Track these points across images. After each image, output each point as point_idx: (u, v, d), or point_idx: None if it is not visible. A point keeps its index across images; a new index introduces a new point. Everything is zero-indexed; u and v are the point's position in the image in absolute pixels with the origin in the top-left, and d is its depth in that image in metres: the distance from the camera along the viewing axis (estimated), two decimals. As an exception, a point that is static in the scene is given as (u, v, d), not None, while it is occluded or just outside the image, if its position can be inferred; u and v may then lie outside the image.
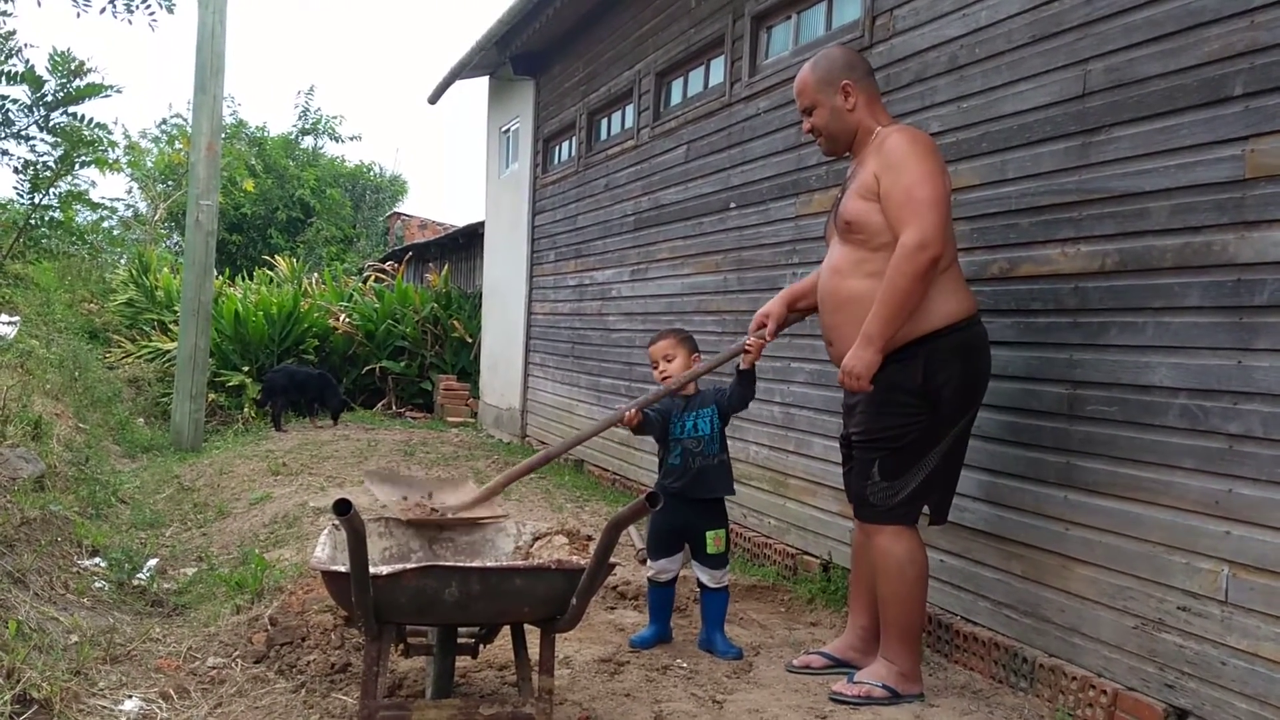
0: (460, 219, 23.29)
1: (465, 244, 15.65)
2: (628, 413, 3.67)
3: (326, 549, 2.88)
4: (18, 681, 2.94)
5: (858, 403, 3.44)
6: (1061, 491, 3.38)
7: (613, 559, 2.73)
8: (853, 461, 3.53)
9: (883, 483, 3.36)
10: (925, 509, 3.45)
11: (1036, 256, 3.54)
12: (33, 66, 5.06)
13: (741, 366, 3.79)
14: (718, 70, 6.32)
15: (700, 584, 3.89)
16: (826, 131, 3.50)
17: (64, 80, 5.11)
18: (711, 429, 3.84)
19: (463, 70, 10.74)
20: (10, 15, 5.08)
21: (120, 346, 13.93)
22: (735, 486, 3.94)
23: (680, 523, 3.83)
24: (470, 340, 13.25)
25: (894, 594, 3.37)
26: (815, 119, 3.51)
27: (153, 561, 5.41)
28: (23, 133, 5.19)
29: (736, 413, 3.94)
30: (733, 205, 5.87)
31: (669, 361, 3.86)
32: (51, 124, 5.19)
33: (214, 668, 3.55)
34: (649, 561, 3.85)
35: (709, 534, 3.81)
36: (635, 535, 4.37)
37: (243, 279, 16.61)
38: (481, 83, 11.72)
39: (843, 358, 3.38)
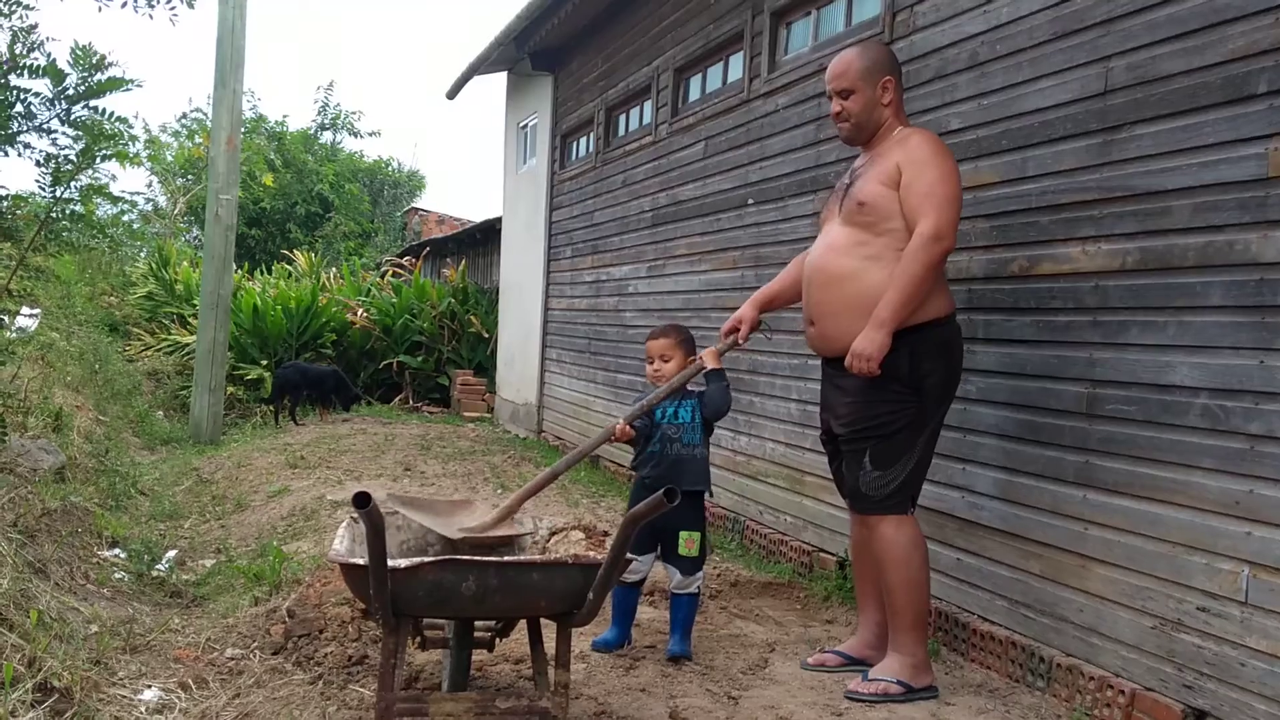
0: (478, 214, 23.31)
1: (482, 239, 15.66)
2: (617, 427, 3.57)
3: (344, 541, 2.90)
4: (39, 670, 2.96)
5: (841, 397, 3.49)
6: (1080, 491, 3.36)
7: (629, 554, 2.74)
8: (841, 457, 3.58)
9: (875, 472, 3.41)
10: None
11: (1057, 255, 3.53)
12: (54, 60, 5.07)
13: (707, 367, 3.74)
14: (736, 66, 6.31)
15: (671, 586, 3.76)
16: (856, 119, 3.56)
17: (85, 74, 5.13)
18: (692, 417, 3.76)
19: (481, 66, 10.76)
20: (33, 9, 5.08)
21: (140, 339, 14.03)
22: (753, 485, 3.92)
23: (655, 518, 3.72)
24: (487, 336, 13.27)
25: (902, 581, 3.39)
26: (850, 103, 3.55)
27: (172, 553, 5.45)
28: (44, 126, 5.21)
29: (712, 418, 3.82)
30: (751, 202, 5.86)
31: (665, 361, 3.78)
32: (73, 118, 5.20)
33: (232, 659, 3.57)
34: None
35: (682, 534, 3.68)
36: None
37: (261, 273, 16.68)
38: (500, 78, 11.74)
39: (823, 339, 3.51)
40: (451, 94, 11.81)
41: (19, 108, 5.09)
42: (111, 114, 5.34)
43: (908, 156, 3.38)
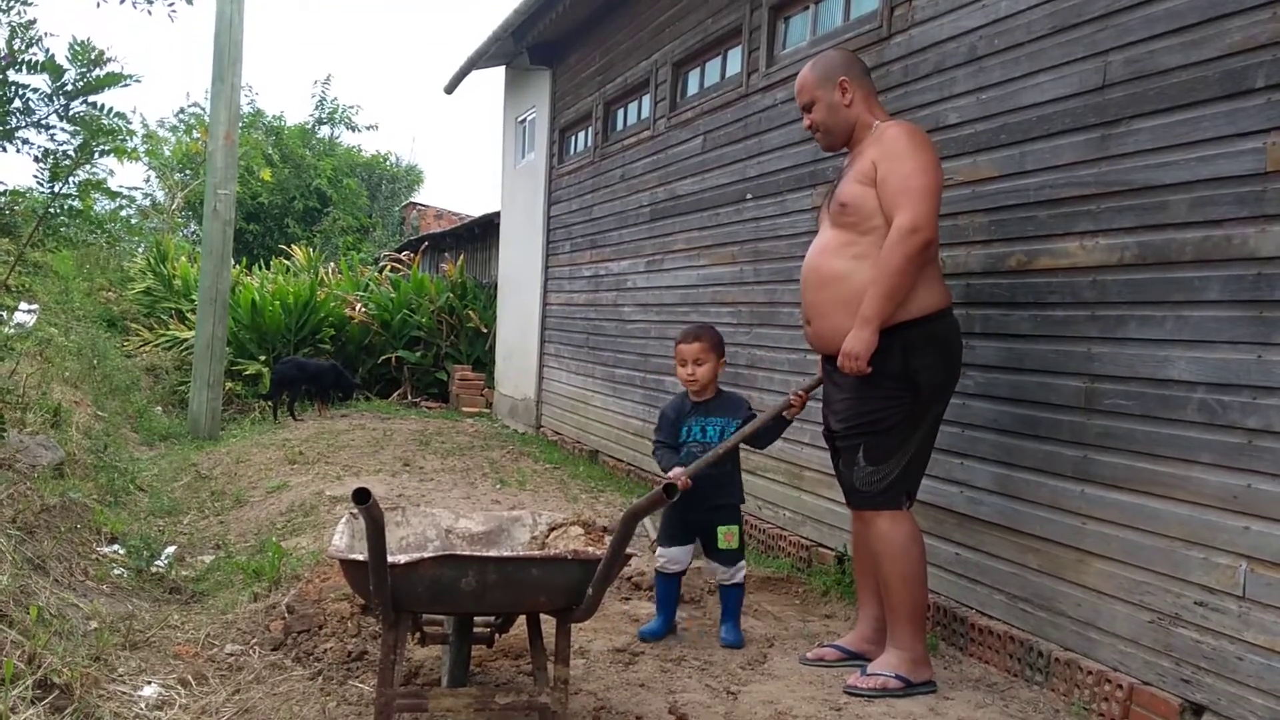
0: (476, 209, 23.33)
1: (481, 234, 15.66)
2: (679, 482, 3.45)
3: (344, 537, 2.90)
4: (39, 667, 2.96)
5: (837, 393, 3.51)
6: (1078, 485, 3.37)
7: (628, 550, 2.75)
8: (839, 453, 3.59)
9: (868, 467, 3.42)
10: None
11: (1055, 249, 3.53)
12: (53, 56, 5.05)
13: (786, 416, 3.83)
14: (735, 61, 6.30)
15: (716, 579, 3.92)
16: (824, 126, 3.61)
17: (84, 69, 5.11)
18: (721, 438, 3.80)
19: (479, 60, 10.74)
20: (31, 5, 5.07)
21: (138, 335, 14.02)
22: (752, 479, 3.93)
23: (692, 517, 3.83)
24: (485, 330, 13.27)
25: (900, 575, 3.40)
26: (814, 114, 3.62)
27: (171, 549, 5.45)
28: (43, 122, 5.19)
29: (754, 449, 3.91)
30: (749, 196, 5.86)
31: (699, 365, 3.83)
32: (71, 113, 5.19)
33: (232, 655, 3.57)
34: (659, 550, 3.87)
35: (720, 529, 3.81)
36: (650, 526, 4.41)
37: (260, 268, 16.67)
38: (498, 72, 11.72)
39: (819, 338, 3.53)
40: (450, 88, 11.80)
41: (17, 103, 5.08)
42: (110, 109, 5.33)
43: (882, 151, 3.38)
